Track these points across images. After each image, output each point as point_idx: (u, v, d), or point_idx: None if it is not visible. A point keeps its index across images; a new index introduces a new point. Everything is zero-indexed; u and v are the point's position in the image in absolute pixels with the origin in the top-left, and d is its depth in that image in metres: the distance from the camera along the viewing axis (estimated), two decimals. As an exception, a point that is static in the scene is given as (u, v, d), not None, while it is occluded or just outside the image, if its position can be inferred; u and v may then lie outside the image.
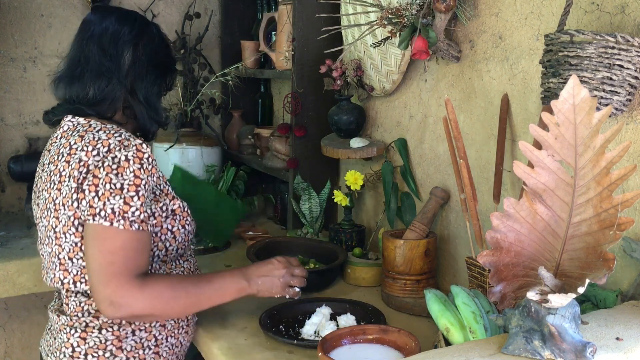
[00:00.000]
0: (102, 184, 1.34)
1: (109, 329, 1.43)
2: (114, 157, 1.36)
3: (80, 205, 1.37)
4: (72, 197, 1.38)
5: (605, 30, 1.34)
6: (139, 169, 1.37)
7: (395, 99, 2.08)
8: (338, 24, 2.16)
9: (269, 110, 3.04)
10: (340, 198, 2.13)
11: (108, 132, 1.42)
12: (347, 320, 1.61)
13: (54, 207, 1.43)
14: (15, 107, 2.71)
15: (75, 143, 1.42)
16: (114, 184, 1.34)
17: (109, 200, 1.33)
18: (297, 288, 1.63)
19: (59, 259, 1.44)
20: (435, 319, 1.27)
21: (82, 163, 1.38)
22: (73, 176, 1.39)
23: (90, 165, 1.37)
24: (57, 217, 1.42)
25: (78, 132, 1.45)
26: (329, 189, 2.27)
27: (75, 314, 1.45)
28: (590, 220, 1.03)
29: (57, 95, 1.56)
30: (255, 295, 1.57)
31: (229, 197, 2.41)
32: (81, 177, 1.37)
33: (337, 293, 1.89)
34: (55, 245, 1.44)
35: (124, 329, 1.44)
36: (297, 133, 2.29)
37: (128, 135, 1.42)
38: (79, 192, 1.37)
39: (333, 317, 1.64)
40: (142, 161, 1.38)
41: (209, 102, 2.91)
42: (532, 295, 0.98)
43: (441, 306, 1.27)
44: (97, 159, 1.37)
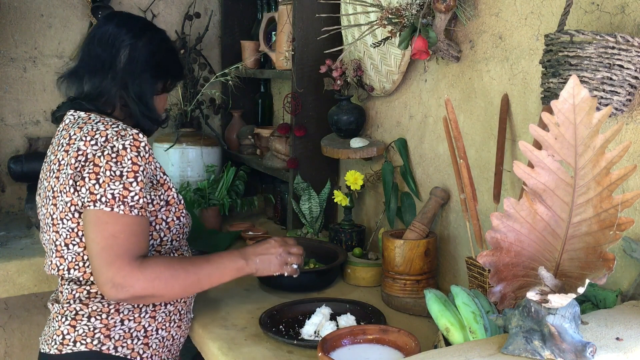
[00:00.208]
0: (102, 172, 1.39)
1: (98, 317, 1.47)
2: (113, 146, 1.41)
3: (79, 193, 1.42)
4: (69, 183, 1.43)
5: (605, 30, 1.34)
6: (137, 156, 1.42)
7: (395, 99, 2.08)
8: (338, 24, 2.16)
9: (269, 110, 3.04)
10: (340, 198, 2.13)
11: (106, 123, 1.47)
12: (347, 320, 1.61)
13: (52, 194, 1.48)
14: (15, 107, 2.71)
15: (74, 134, 1.48)
16: (114, 171, 1.39)
17: (109, 187, 1.39)
18: (295, 265, 1.67)
19: (55, 246, 1.49)
20: (435, 319, 1.27)
21: (81, 152, 1.43)
22: (70, 164, 1.43)
23: (89, 154, 1.42)
24: (55, 205, 1.47)
25: (78, 124, 1.50)
26: (329, 189, 2.27)
27: (67, 301, 1.50)
28: (590, 220, 1.03)
29: (62, 92, 1.64)
30: (254, 274, 1.62)
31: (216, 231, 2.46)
32: (79, 165, 1.42)
33: (337, 293, 1.89)
34: (52, 232, 1.49)
35: (112, 318, 1.47)
36: (297, 133, 2.29)
37: (125, 126, 1.47)
38: (79, 180, 1.41)
39: (333, 317, 1.64)
40: (139, 149, 1.44)
41: (209, 102, 2.91)
42: (532, 295, 0.98)
43: (441, 306, 1.27)
44: (95, 149, 1.42)
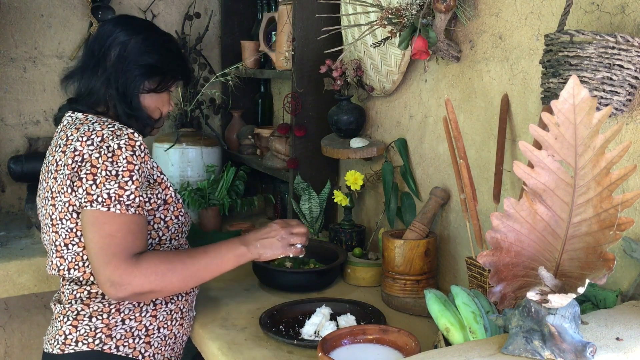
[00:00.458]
0: (99, 172, 1.40)
1: (99, 317, 1.47)
2: (108, 146, 1.42)
3: (76, 193, 1.42)
4: (66, 183, 1.44)
5: (605, 30, 1.34)
6: (132, 155, 1.43)
7: (395, 99, 2.08)
8: (338, 24, 2.16)
9: (269, 110, 3.04)
10: (340, 198, 2.13)
11: (102, 123, 1.48)
12: (347, 320, 1.61)
13: (51, 195, 1.49)
14: (15, 107, 2.71)
15: (71, 135, 1.48)
16: (109, 171, 1.40)
17: (105, 186, 1.39)
18: (299, 245, 1.64)
19: (55, 246, 1.50)
20: (435, 319, 1.27)
21: (78, 152, 1.43)
22: (67, 164, 1.44)
23: (85, 154, 1.42)
24: (54, 205, 1.48)
25: (75, 125, 1.51)
26: (329, 189, 2.27)
27: (68, 301, 1.50)
28: (590, 220, 1.03)
29: (65, 93, 1.65)
30: (257, 259, 1.58)
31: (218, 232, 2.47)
32: (76, 165, 1.42)
33: (337, 293, 1.89)
34: (52, 232, 1.50)
35: (113, 318, 1.47)
36: (297, 133, 2.29)
37: (121, 126, 1.47)
38: (76, 180, 1.42)
39: (333, 317, 1.64)
40: (135, 148, 1.44)
41: (209, 102, 2.91)
42: (532, 295, 0.98)
43: (441, 306, 1.27)
44: (91, 149, 1.42)
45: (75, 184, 1.42)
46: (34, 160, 2.50)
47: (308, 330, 1.57)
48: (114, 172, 1.40)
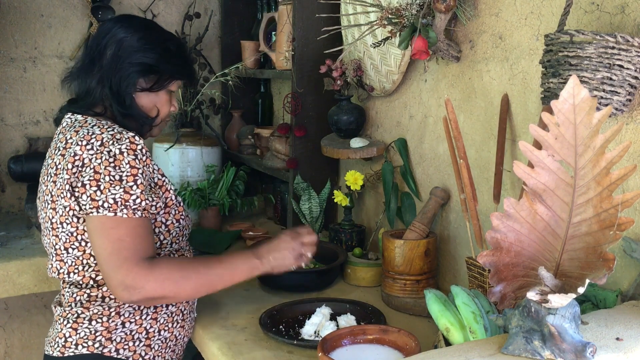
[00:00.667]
0: (102, 177, 1.39)
1: (99, 320, 1.46)
2: (109, 151, 1.41)
3: (78, 199, 1.41)
4: (66, 188, 1.43)
5: (605, 30, 1.34)
6: (134, 159, 1.42)
7: (395, 99, 2.08)
8: (338, 24, 2.16)
9: (269, 110, 3.04)
10: (340, 198, 2.13)
11: (102, 127, 1.46)
12: (347, 320, 1.61)
13: (51, 198, 1.48)
14: (15, 107, 2.71)
15: (70, 138, 1.47)
16: (113, 176, 1.39)
17: (110, 192, 1.38)
18: (310, 254, 1.64)
19: (55, 250, 1.49)
20: (435, 319, 1.27)
21: (77, 157, 1.42)
22: (67, 169, 1.43)
23: (85, 159, 1.41)
24: (54, 209, 1.47)
25: (74, 128, 1.50)
26: (329, 189, 2.27)
27: (68, 304, 1.50)
28: (590, 220, 1.03)
29: (67, 92, 1.64)
30: (270, 272, 1.58)
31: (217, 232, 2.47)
32: (77, 170, 1.42)
33: (337, 293, 1.89)
34: (52, 235, 1.49)
35: (113, 321, 1.47)
36: (297, 133, 2.29)
37: (121, 129, 1.46)
38: (79, 187, 1.41)
39: (333, 317, 1.64)
40: (136, 152, 1.43)
41: (209, 102, 2.91)
42: (532, 295, 0.98)
43: (441, 306, 1.27)
44: (91, 153, 1.41)
45: (77, 190, 1.41)
46: (34, 160, 2.50)
47: (308, 330, 1.57)
48: (117, 177, 1.39)
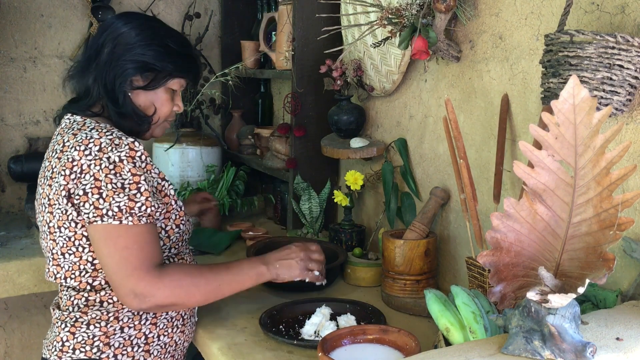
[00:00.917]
0: (104, 185, 1.37)
1: (97, 325, 1.45)
2: (108, 157, 1.38)
3: (79, 207, 1.39)
4: (62, 193, 1.41)
5: (605, 30, 1.34)
6: (134, 167, 1.40)
7: (395, 99, 2.08)
8: (338, 24, 2.16)
9: (269, 110, 3.04)
10: (340, 198, 2.13)
11: (100, 130, 1.43)
12: (347, 320, 1.61)
13: (48, 202, 1.46)
14: (15, 107, 2.71)
15: (68, 141, 1.45)
16: (115, 183, 1.37)
17: (114, 200, 1.36)
18: (317, 272, 1.64)
19: (52, 254, 1.48)
20: (435, 319, 1.27)
21: (75, 163, 1.39)
22: (64, 174, 1.40)
23: (83, 165, 1.38)
24: (52, 212, 1.45)
25: (72, 130, 1.47)
26: (329, 189, 2.27)
27: (66, 308, 1.48)
28: (590, 220, 1.03)
29: (68, 92, 1.63)
30: (275, 279, 1.59)
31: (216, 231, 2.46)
32: (75, 176, 1.39)
33: (337, 293, 1.89)
34: (50, 240, 1.47)
35: (111, 326, 1.45)
36: (297, 133, 2.29)
37: (120, 134, 1.43)
38: (80, 195, 1.38)
39: (333, 317, 1.64)
40: (135, 160, 1.40)
41: (209, 102, 2.91)
42: (532, 295, 0.98)
43: (441, 306, 1.27)
44: (89, 159, 1.38)
45: (78, 197, 1.38)
46: (34, 160, 2.50)
47: (308, 330, 1.57)
48: (119, 185, 1.37)
